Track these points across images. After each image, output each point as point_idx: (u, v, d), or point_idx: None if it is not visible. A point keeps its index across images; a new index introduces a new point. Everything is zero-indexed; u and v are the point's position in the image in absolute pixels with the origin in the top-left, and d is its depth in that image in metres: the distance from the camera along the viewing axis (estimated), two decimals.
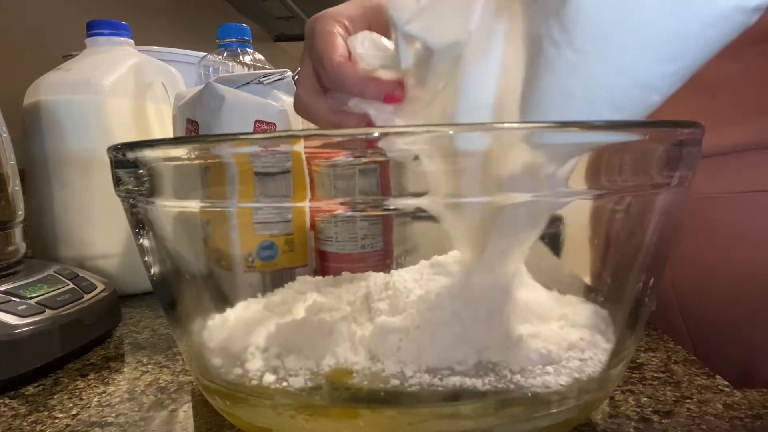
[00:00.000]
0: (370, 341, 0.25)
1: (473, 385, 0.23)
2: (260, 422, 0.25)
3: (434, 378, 0.23)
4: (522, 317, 0.27)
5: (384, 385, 0.23)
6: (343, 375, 0.24)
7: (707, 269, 0.45)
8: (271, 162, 0.24)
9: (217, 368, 0.26)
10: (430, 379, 0.23)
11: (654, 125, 0.24)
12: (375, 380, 0.24)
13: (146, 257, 0.29)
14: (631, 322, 0.27)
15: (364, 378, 0.24)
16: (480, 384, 0.23)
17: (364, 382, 0.24)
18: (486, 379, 0.23)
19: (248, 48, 0.61)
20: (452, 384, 0.23)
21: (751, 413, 0.28)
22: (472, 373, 0.24)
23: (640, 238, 0.26)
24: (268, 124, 0.49)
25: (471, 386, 0.23)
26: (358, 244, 0.45)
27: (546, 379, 0.24)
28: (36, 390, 0.34)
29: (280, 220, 0.47)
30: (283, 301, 0.33)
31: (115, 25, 0.58)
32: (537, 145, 0.22)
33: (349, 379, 0.24)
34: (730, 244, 0.44)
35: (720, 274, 0.45)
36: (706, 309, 0.46)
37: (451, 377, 0.23)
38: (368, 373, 0.24)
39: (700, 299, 0.46)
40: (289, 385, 0.24)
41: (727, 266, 0.44)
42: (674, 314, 0.48)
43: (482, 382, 0.23)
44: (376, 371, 0.24)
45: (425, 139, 0.22)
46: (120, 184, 0.27)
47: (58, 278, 0.42)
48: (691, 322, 0.47)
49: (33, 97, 0.54)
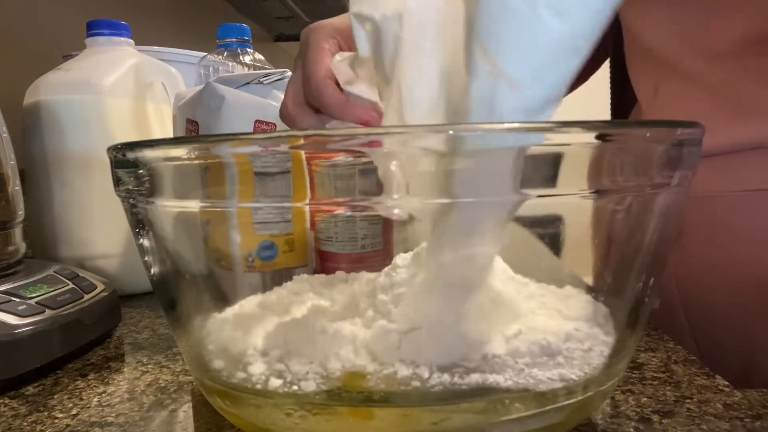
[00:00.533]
0: (372, 343, 0.25)
1: (495, 381, 0.23)
2: (264, 423, 0.25)
3: (454, 377, 0.23)
4: (511, 311, 0.27)
5: (404, 387, 0.23)
6: (357, 378, 0.24)
7: (710, 268, 0.45)
8: (271, 162, 0.24)
9: (218, 371, 0.26)
10: (451, 378, 0.23)
11: (654, 125, 0.24)
12: (391, 382, 0.24)
13: (146, 257, 0.29)
14: (631, 321, 0.27)
15: (379, 381, 0.24)
16: (501, 380, 0.23)
17: (380, 385, 0.24)
18: (503, 375, 0.23)
19: (248, 48, 0.61)
20: (474, 381, 0.23)
21: (751, 413, 0.28)
22: (486, 368, 0.24)
23: (640, 237, 0.26)
24: (268, 124, 0.49)
25: (493, 383, 0.23)
26: (358, 244, 0.45)
27: (558, 372, 0.24)
28: (36, 390, 0.34)
29: (280, 220, 0.47)
30: (279, 300, 0.33)
31: (115, 25, 0.58)
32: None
33: (363, 382, 0.24)
34: (733, 243, 0.44)
35: (723, 273, 0.45)
36: (709, 307, 0.46)
37: (470, 374, 0.23)
38: (382, 376, 0.24)
39: (704, 297, 0.46)
40: (300, 389, 0.24)
41: (730, 265, 0.44)
42: (677, 312, 0.48)
43: (503, 378, 0.23)
44: (390, 374, 0.24)
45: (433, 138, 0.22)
46: (120, 184, 0.27)
47: (58, 278, 0.42)
48: (694, 320, 0.47)
49: (33, 97, 0.54)
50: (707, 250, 0.46)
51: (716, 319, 0.46)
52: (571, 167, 0.22)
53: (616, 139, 0.23)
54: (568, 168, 0.22)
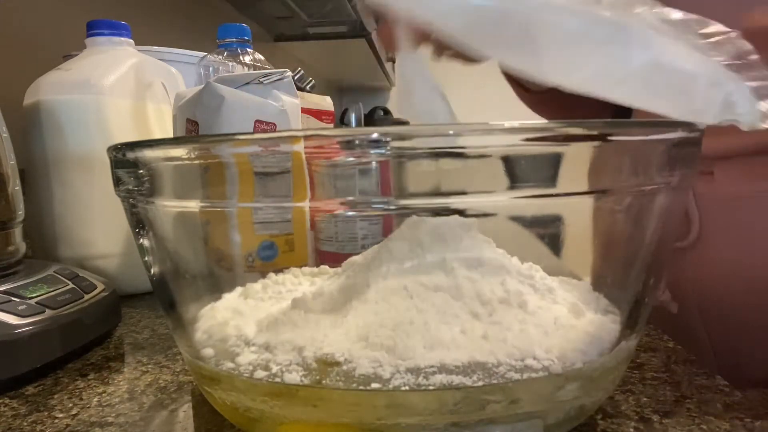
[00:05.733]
0: (359, 333, 0.25)
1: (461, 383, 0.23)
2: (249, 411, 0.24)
3: (419, 378, 0.23)
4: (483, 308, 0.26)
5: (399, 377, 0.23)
6: (332, 365, 0.24)
7: (731, 271, 0.45)
8: (271, 162, 0.24)
9: (208, 359, 0.26)
10: (447, 378, 0.23)
11: (654, 125, 0.24)
12: (372, 370, 0.23)
13: (146, 257, 0.29)
14: (631, 322, 0.27)
15: (355, 368, 0.23)
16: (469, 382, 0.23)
17: (356, 372, 0.23)
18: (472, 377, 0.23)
19: (248, 48, 0.61)
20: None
21: (751, 413, 0.28)
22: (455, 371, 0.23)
23: (640, 237, 0.26)
24: (268, 124, 0.49)
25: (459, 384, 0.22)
26: (358, 244, 0.45)
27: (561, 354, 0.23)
28: (36, 390, 0.34)
29: (280, 220, 0.47)
30: (263, 288, 0.33)
31: (115, 25, 0.58)
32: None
33: (339, 368, 0.23)
34: (756, 245, 0.44)
35: (745, 276, 0.44)
36: (728, 311, 0.46)
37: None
38: (363, 364, 0.23)
39: (723, 301, 0.46)
40: (282, 381, 0.23)
41: (755, 268, 0.44)
42: (693, 316, 0.48)
43: (471, 380, 0.23)
44: (374, 363, 0.23)
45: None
46: (120, 184, 0.27)
47: (58, 278, 0.42)
48: (711, 324, 0.47)
49: (33, 97, 0.54)
50: (729, 252, 0.45)
51: (734, 324, 0.46)
52: (572, 167, 0.22)
53: (616, 139, 0.23)
54: (568, 168, 0.22)
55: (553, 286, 0.28)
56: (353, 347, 0.24)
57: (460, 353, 0.23)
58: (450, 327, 0.24)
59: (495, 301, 0.25)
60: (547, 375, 0.23)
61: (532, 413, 0.23)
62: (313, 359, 0.24)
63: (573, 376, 0.23)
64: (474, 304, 0.25)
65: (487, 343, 0.24)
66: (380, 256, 0.29)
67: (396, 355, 0.23)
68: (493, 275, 0.27)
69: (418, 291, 0.26)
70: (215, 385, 0.26)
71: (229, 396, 0.25)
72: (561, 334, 0.25)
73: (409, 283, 0.26)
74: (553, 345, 0.24)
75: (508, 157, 0.22)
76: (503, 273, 0.27)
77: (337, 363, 0.23)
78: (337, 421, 0.22)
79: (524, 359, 0.23)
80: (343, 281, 0.28)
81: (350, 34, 1.66)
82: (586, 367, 0.24)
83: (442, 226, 0.29)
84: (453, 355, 0.23)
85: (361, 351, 0.23)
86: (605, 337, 0.25)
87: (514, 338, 0.24)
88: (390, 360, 0.23)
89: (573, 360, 0.23)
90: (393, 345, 0.23)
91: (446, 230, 0.29)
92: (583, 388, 0.24)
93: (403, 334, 0.24)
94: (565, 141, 0.22)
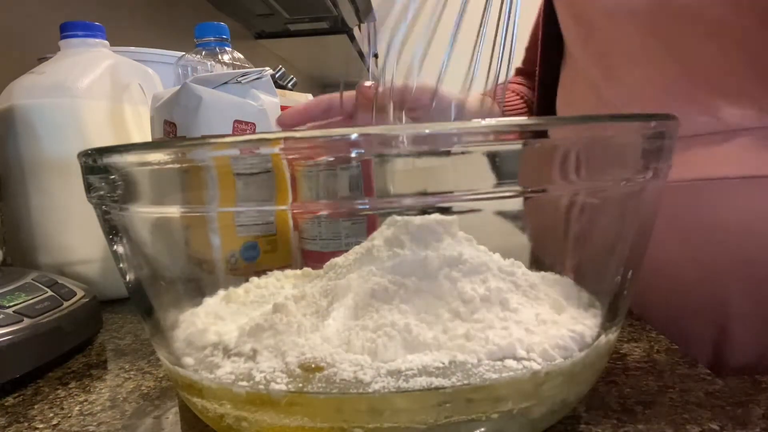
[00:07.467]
0: (341, 337, 0.25)
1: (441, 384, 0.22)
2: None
3: (399, 380, 0.23)
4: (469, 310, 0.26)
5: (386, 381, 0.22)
6: (314, 371, 0.23)
7: (673, 257, 0.45)
8: (251, 163, 0.24)
9: (188, 367, 0.26)
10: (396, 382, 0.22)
11: (629, 118, 0.24)
12: (358, 375, 0.23)
13: (121, 264, 0.28)
14: (610, 315, 0.27)
15: (336, 372, 0.23)
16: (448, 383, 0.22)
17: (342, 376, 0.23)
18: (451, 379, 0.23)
19: (227, 47, 0.61)
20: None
21: (732, 401, 0.29)
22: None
23: (617, 230, 0.26)
24: (247, 124, 0.49)
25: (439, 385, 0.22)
26: (342, 243, 0.45)
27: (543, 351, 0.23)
28: (16, 401, 0.34)
29: (263, 222, 0.46)
30: (246, 292, 0.32)
31: (89, 26, 0.57)
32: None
33: (321, 373, 0.23)
34: (694, 233, 0.44)
35: (685, 261, 0.45)
36: (673, 297, 0.46)
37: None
38: (350, 369, 0.23)
39: (669, 286, 0.46)
40: (265, 390, 0.23)
41: (696, 252, 0.44)
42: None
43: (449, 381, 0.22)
44: (355, 366, 0.23)
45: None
46: (92, 190, 0.26)
47: (36, 286, 0.41)
48: (657, 310, 0.47)
49: (6, 102, 0.53)
50: (669, 240, 0.45)
51: (681, 306, 0.46)
52: (542, 162, 0.22)
53: (590, 133, 0.23)
54: (541, 163, 0.22)
55: (536, 282, 0.28)
56: (335, 351, 0.23)
57: (441, 354, 0.23)
58: (431, 327, 0.24)
59: (477, 299, 0.25)
60: (528, 372, 0.23)
61: (516, 410, 0.23)
62: (296, 365, 0.23)
63: (555, 372, 0.23)
64: (456, 303, 0.25)
65: (468, 342, 0.23)
66: (361, 257, 0.28)
67: (377, 357, 0.23)
68: (474, 273, 0.27)
69: (400, 292, 0.26)
70: (196, 394, 0.25)
71: (211, 404, 0.25)
72: (542, 331, 0.25)
73: (390, 284, 0.26)
74: (535, 342, 0.24)
75: (491, 153, 0.22)
76: (485, 271, 0.27)
77: (319, 368, 0.23)
78: (320, 427, 0.22)
79: (505, 358, 0.23)
80: (325, 284, 0.28)
81: (331, 30, 1.65)
82: (567, 363, 0.24)
83: (423, 226, 0.29)
84: (434, 355, 0.23)
85: (343, 355, 0.23)
86: (586, 332, 0.25)
87: (495, 336, 0.24)
88: (371, 363, 0.23)
89: (554, 356, 0.24)
90: (374, 348, 0.23)
91: (427, 229, 0.29)
92: (565, 383, 0.24)
93: (385, 336, 0.23)
94: (536, 137, 0.22)
